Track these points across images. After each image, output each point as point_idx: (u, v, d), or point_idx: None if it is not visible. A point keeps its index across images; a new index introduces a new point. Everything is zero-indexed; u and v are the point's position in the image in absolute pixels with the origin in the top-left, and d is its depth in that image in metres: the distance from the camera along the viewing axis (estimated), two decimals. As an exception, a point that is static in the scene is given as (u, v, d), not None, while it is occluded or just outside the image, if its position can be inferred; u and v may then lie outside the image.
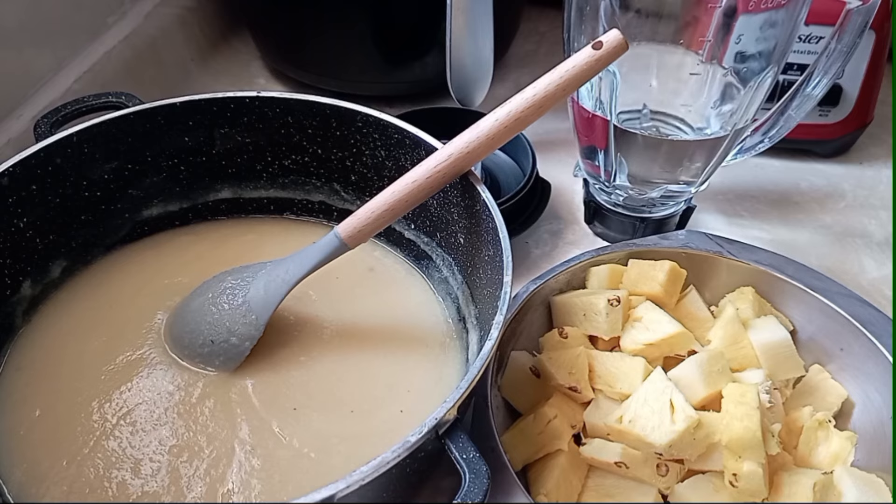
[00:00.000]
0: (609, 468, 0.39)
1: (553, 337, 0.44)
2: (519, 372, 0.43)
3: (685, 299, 0.46)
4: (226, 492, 0.38)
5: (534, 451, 0.40)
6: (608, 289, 0.46)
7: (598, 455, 0.39)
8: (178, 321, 0.45)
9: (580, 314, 0.44)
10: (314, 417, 0.41)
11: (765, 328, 0.43)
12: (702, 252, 0.47)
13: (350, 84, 0.66)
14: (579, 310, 0.44)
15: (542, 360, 0.43)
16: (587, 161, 0.54)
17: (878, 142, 0.67)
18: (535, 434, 0.40)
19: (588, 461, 0.40)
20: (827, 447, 0.40)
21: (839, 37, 0.46)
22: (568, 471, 0.39)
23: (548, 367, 0.42)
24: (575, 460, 0.40)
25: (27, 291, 0.45)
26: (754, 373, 0.42)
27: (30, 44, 0.57)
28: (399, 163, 0.48)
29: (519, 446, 0.40)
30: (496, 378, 0.42)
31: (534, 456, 0.40)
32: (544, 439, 0.40)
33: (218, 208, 0.53)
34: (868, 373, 0.42)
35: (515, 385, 0.43)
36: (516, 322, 0.44)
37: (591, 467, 0.40)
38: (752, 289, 0.46)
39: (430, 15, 0.61)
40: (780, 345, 0.43)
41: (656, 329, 0.42)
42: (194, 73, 0.72)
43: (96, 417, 0.41)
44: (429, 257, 0.49)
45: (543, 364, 0.42)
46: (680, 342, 0.42)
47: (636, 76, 0.49)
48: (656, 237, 0.49)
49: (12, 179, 0.43)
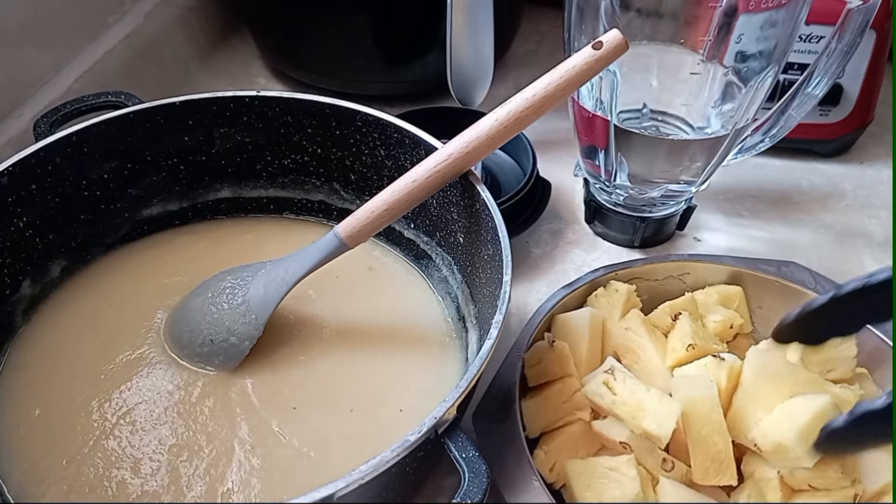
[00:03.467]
0: (615, 447, 0.39)
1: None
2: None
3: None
4: (225, 491, 0.38)
5: (555, 418, 0.41)
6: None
7: (607, 432, 0.39)
8: (178, 320, 0.45)
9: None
10: (314, 416, 0.41)
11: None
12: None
13: (350, 84, 0.66)
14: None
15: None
16: (587, 161, 0.54)
17: (878, 141, 0.67)
18: (558, 402, 0.41)
19: (598, 436, 0.40)
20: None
21: (840, 36, 0.46)
22: (578, 440, 0.40)
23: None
24: (588, 434, 0.40)
25: (27, 291, 0.45)
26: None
27: (30, 44, 0.57)
28: (399, 162, 0.48)
29: (540, 413, 0.41)
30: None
31: (553, 424, 0.41)
32: (567, 408, 0.40)
33: (217, 208, 0.53)
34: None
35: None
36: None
37: (602, 448, 0.40)
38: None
39: (431, 15, 0.61)
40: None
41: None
42: (194, 73, 0.72)
43: (96, 417, 0.41)
44: (428, 257, 0.49)
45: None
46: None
47: (636, 76, 0.49)
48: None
49: (12, 179, 0.43)
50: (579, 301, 0.46)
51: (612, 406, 0.39)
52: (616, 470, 0.37)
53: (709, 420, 0.37)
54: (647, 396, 0.38)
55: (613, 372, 0.40)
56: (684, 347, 0.41)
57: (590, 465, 0.38)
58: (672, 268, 0.47)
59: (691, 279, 0.48)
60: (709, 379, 0.39)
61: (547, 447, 0.40)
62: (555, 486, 0.40)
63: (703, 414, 0.37)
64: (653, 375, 0.42)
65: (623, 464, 0.37)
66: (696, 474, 0.38)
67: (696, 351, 0.41)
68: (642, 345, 0.43)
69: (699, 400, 0.38)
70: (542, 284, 0.54)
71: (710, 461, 0.37)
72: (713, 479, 0.38)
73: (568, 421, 0.41)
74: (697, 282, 0.48)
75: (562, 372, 0.42)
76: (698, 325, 0.43)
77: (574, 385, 0.41)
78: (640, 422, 0.38)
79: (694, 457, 0.38)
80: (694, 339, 0.41)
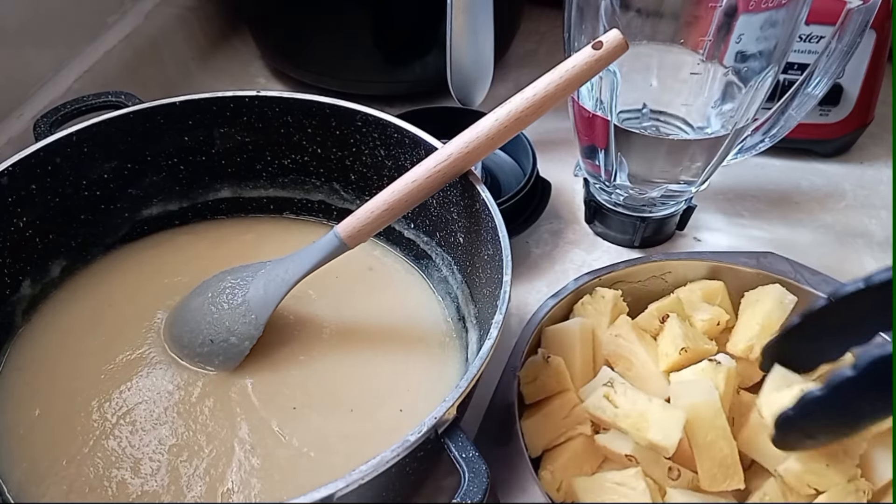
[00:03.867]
0: (620, 460, 0.39)
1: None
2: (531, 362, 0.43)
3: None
4: (225, 491, 0.38)
5: (555, 435, 0.40)
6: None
7: (611, 445, 0.39)
8: (178, 320, 0.45)
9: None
10: (314, 416, 0.41)
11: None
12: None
13: (350, 84, 0.66)
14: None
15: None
16: (587, 160, 0.54)
17: (878, 141, 0.67)
18: (559, 418, 0.40)
19: (601, 450, 0.40)
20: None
21: (840, 36, 0.46)
22: (581, 455, 0.40)
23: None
24: (590, 448, 0.40)
25: (27, 291, 0.45)
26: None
27: (30, 44, 0.57)
28: (399, 162, 0.48)
29: (540, 430, 0.40)
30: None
31: (554, 441, 0.40)
32: (568, 423, 0.40)
33: (217, 208, 0.53)
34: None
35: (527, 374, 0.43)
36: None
37: (605, 460, 0.40)
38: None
39: (431, 15, 0.61)
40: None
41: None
42: (194, 73, 0.72)
43: (96, 417, 0.41)
44: (428, 257, 0.49)
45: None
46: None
47: (636, 76, 0.49)
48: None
49: (12, 179, 0.43)
50: (566, 310, 0.46)
51: (615, 419, 0.38)
52: (624, 484, 0.37)
53: (713, 426, 0.37)
54: (650, 407, 0.38)
55: (613, 384, 0.40)
56: (677, 351, 0.41)
57: (597, 481, 0.38)
58: (654, 268, 0.47)
59: (672, 277, 0.48)
60: (709, 384, 0.38)
61: (552, 466, 0.39)
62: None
63: (707, 420, 0.37)
64: (648, 381, 0.42)
65: (630, 477, 0.37)
66: (704, 481, 0.37)
67: (689, 353, 0.41)
68: (634, 351, 0.42)
69: (702, 406, 0.37)
70: (542, 284, 0.54)
71: (717, 467, 0.37)
72: (721, 485, 0.37)
73: (569, 436, 0.40)
74: (678, 280, 0.48)
75: (559, 387, 0.42)
76: (687, 325, 0.43)
77: (572, 399, 0.41)
78: (644, 433, 0.37)
79: (700, 463, 0.37)
80: (686, 342, 0.41)
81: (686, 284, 0.47)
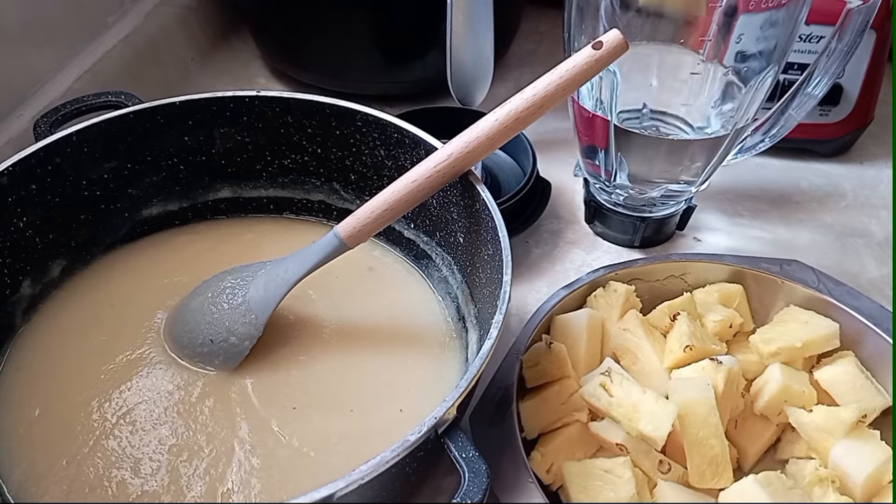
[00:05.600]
0: (612, 449, 0.39)
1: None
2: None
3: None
4: (225, 491, 0.38)
5: (553, 419, 0.41)
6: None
7: (604, 433, 0.39)
8: (178, 320, 0.45)
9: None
10: (314, 416, 0.41)
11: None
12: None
13: (350, 83, 0.66)
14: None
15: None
16: (587, 160, 0.54)
17: (878, 141, 0.67)
18: (556, 403, 0.41)
19: (595, 437, 0.40)
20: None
21: (840, 36, 0.46)
22: (575, 441, 0.40)
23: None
24: (586, 435, 0.40)
25: (27, 291, 0.45)
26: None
27: (30, 44, 0.57)
28: (399, 162, 0.48)
29: (538, 413, 0.41)
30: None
31: (551, 425, 0.41)
32: (565, 409, 0.41)
33: (217, 207, 0.53)
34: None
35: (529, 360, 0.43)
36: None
37: (600, 449, 0.40)
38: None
39: (431, 14, 0.61)
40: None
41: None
42: (194, 73, 0.72)
43: (96, 417, 0.41)
44: (428, 257, 0.49)
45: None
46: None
47: (636, 76, 0.49)
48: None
49: (12, 179, 0.43)
50: (579, 302, 0.46)
51: (609, 408, 0.39)
52: (611, 472, 0.37)
53: (705, 423, 0.37)
54: (644, 398, 0.38)
55: (610, 374, 0.40)
56: (682, 348, 0.41)
57: (586, 466, 0.38)
58: (673, 267, 0.47)
59: (692, 278, 0.48)
60: (706, 381, 0.39)
61: (544, 449, 0.40)
62: (552, 487, 0.40)
63: (700, 416, 0.37)
64: (650, 377, 0.42)
65: (619, 466, 0.37)
66: (693, 477, 0.38)
67: (694, 352, 0.41)
68: (640, 346, 0.43)
69: (696, 402, 0.38)
70: (542, 284, 0.54)
71: (707, 464, 0.37)
72: (709, 482, 0.38)
73: (566, 422, 0.41)
74: (698, 281, 0.48)
75: (560, 373, 0.42)
76: (696, 325, 0.43)
77: (572, 386, 0.41)
78: (635, 423, 0.38)
79: (690, 459, 0.38)
80: (691, 340, 0.41)
81: (705, 286, 0.47)
